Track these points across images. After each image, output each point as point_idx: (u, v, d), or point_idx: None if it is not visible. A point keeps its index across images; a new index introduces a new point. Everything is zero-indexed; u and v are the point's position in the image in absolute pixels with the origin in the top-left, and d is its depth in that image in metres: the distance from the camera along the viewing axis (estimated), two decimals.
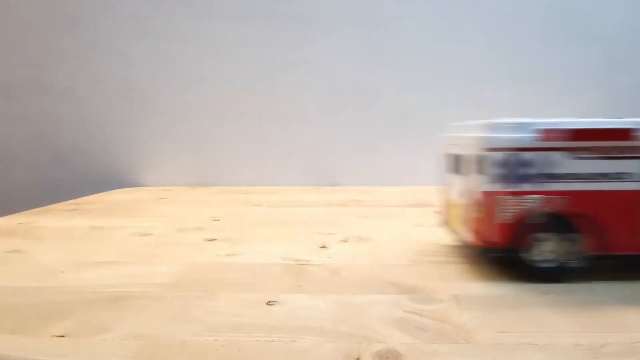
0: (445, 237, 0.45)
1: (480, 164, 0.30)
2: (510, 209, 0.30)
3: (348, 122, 0.89)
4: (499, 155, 0.29)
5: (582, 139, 0.29)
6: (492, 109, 0.87)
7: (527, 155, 0.29)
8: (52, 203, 0.70)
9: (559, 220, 0.30)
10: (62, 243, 0.43)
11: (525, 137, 0.29)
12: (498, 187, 0.30)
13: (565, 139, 0.29)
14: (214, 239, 0.44)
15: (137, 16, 0.87)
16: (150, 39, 0.88)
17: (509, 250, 0.31)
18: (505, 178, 0.30)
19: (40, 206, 0.65)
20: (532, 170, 0.30)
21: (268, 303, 0.28)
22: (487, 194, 0.30)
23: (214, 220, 0.54)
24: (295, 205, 0.65)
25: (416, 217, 0.55)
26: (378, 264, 0.36)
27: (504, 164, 0.30)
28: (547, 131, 0.29)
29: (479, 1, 0.84)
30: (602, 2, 0.83)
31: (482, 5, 0.84)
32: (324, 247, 0.41)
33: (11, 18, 0.87)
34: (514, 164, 0.29)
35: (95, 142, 0.90)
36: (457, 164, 0.36)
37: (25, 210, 0.61)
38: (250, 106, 0.89)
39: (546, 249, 0.30)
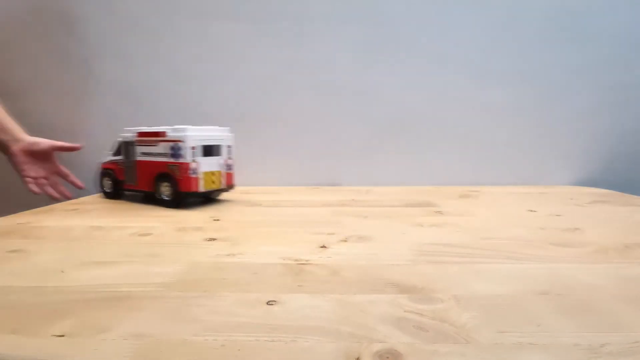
0: (445, 237, 0.45)
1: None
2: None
3: (348, 122, 0.89)
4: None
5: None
6: (492, 108, 0.87)
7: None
8: (52, 203, 0.70)
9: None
10: (62, 243, 0.43)
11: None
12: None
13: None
14: (214, 239, 0.44)
15: (137, 16, 0.87)
16: (150, 39, 0.88)
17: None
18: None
19: (40, 206, 0.65)
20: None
21: (268, 303, 0.28)
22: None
23: (214, 220, 0.54)
24: (295, 205, 0.65)
25: (416, 217, 0.55)
26: (378, 264, 0.36)
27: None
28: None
29: (479, 2, 0.84)
30: (601, 2, 0.83)
31: (482, 5, 0.84)
32: (324, 247, 0.41)
33: (11, 18, 0.87)
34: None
35: (95, 142, 0.90)
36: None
37: (25, 210, 0.61)
38: (250, 106, 0.89)
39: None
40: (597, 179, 0.87)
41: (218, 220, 0.54)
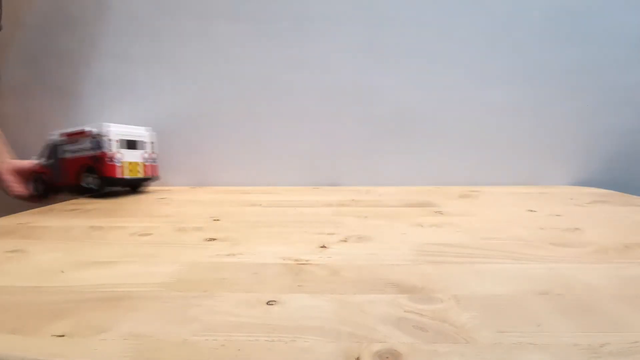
0: (445, 237, 0.45)
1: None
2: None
3: (348, 122, 0.89)
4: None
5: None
6: (492, 108, 0.87)
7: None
8: (52, 203, 0.70)
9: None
10: (62, 243, 0.43)
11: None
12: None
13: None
14: (214, 239, 0.44)
15: (137, 16, 0.87)
16: (150, 39, 0.88)
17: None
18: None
19: (40, 206, 0.65)
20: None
21: (268, 303, 0.28)
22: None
23: (214, 220, 0.54)
24: (295, 205, 0.65)
25: (416, 217, 0.55)
26: (378, 264, 0.36)
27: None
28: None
29: (479, 1, 0.84)
30: (601, 2, 0.83)
31: (482, 5, 0.84)
32: (324, 247, 0.41)
33: (11, 18, 0.87)
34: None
35: None
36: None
37: (25, 210, 0.61)
38: (250, 106, 0.89)
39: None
40: (597, 179, 0.87)
41: (218, 220, 0.54)
